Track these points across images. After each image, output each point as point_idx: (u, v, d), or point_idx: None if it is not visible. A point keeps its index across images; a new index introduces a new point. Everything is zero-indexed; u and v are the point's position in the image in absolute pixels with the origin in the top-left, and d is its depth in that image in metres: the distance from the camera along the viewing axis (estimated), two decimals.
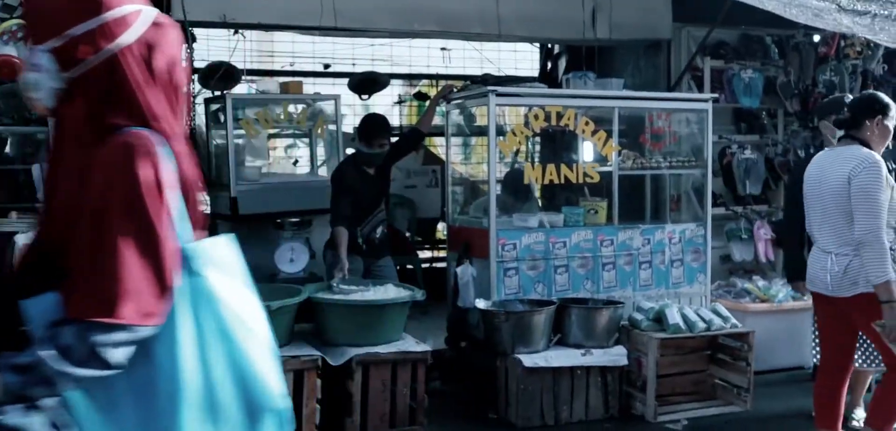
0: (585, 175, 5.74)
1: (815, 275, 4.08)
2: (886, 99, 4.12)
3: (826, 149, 4.49)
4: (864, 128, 4.00)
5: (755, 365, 5.39)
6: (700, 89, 6.94)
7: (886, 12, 4.55)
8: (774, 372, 5.92)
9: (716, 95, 6.51)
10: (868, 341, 4.37)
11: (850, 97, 5.10)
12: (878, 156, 3.93)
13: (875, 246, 3.73)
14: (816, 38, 7.23)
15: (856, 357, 4.31)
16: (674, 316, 5.31)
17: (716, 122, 6.42)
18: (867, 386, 5.29)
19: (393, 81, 8.95)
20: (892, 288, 3.68)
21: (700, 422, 5.24)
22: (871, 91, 4.44)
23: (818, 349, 4.54)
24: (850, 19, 5.15)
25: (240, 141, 6.59)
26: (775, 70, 7.25)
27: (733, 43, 7.32)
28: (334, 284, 5.03)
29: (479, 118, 7.13)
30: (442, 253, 8.20)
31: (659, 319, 5.37)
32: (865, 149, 3.94)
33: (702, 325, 5.36)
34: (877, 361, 4.36)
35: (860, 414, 5.15)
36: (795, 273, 5.11)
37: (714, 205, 6.41)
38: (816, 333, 4.64)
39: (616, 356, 5.26)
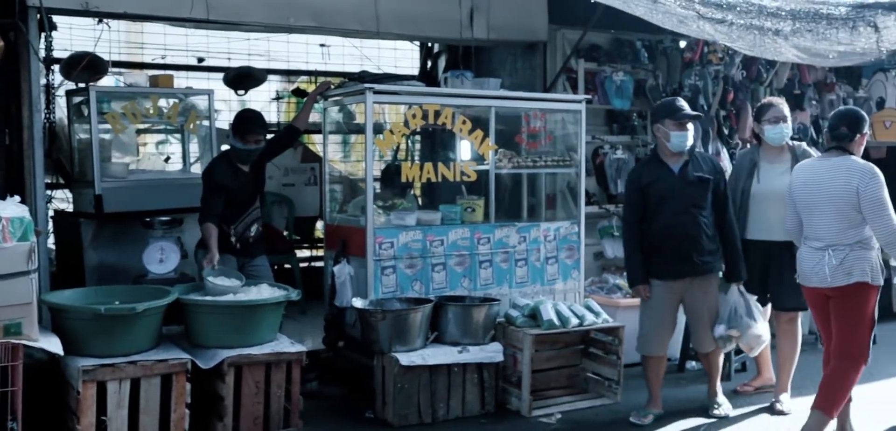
0: (462, 173, 5.78)
1: (811, 271, 4.56)
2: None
3: (814, 157, 5.00)
4: (855, 141, 4.60)
5: (625, 359, 5.58)
6: (574, 90, 7.12)
7: (742, 21, 4.81)
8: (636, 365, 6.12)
9: (589, 97, 6.70)
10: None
11: (682, 100, 5.21)
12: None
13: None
14: (683, 44, 7.56)
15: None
16: (548, 312, 5.43)
17: (589, 123, 6.61)
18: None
19: (270, 77, 8.76)
20: None
21: (573, 415, 5.37)
22: (854, 107, 5.15)
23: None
24: (712, 26, 5.42)
25: (106, 136, 6.28)
26: (645, 73, 7.52)
27: (606, 46, 7.56)
28: (206, 275, 4.87)
29: (358, 116, 7.07)
30: (321, 252, 8.09)
31: (534, 315, 5.47)
32: (862, 160, 4.54)
33: (575, 321, 5.50)
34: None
35: (786, 399, 5.46)
36: (636, 277, 5.25)
37: (587, 203, 6.59)
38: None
39: (492, 352, 5.33)
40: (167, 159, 7.54)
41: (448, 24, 6.62)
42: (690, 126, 5.16)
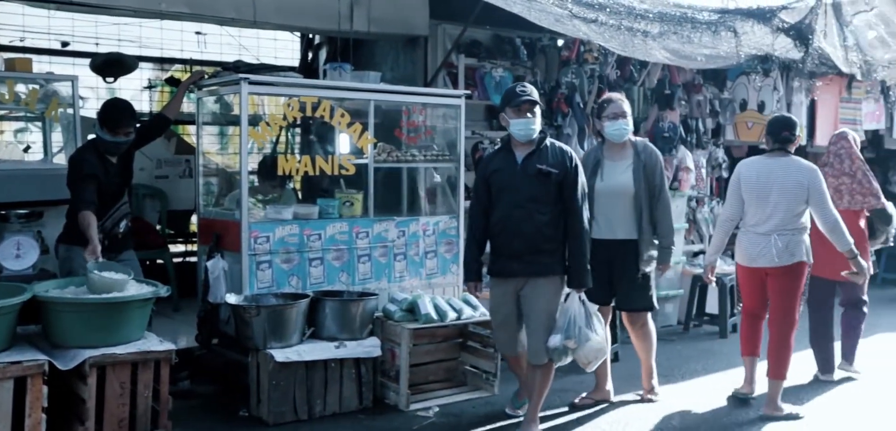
0: (341, 167, 5.71)
1: (758, 253, 5.29)
2: None
3: (761, 157, 5.46)
4: (794, 142, 5.38)
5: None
6: (455, 85, 7.16)
7: (613, 21, 4.96)
8: None
9: (469, 92, 6.75)
10: None
11: (526, 86, 4.86)
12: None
13: (837, 228, 5.23)
14: (560, 42, 7.74)
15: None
16: (426, 307, 5.44)
17: (468, 118, 6.66)
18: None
19: (142, 64, 8.40)
20: (854, 248, 5.26)
21: (451, 408, 5.40)
22: (788, 115, 5.96)
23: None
24: (586, 26, 5.57)
25: None
26: (524, 70, 7.65)
27: (486, 43, 7.65)
28: (90, 269, 4.61)
29: (235, 107, 6.86)
30: (196, 247, 7.84)
31: (412, 310, 5.47)
32: (806, 161, 5.34)
33: (452, 315, 5.54)
34: None
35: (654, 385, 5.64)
36: (466, 272, 5.01)
37: (467, 197, 6.63)
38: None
39: (369, 347, 5.29)
40: (27, 149, 7.10)
41: (327, 15, 6.50)
42: (533, 113, 4.71)
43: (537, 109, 4.75)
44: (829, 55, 7.27)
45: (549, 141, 4.79)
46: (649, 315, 5.53)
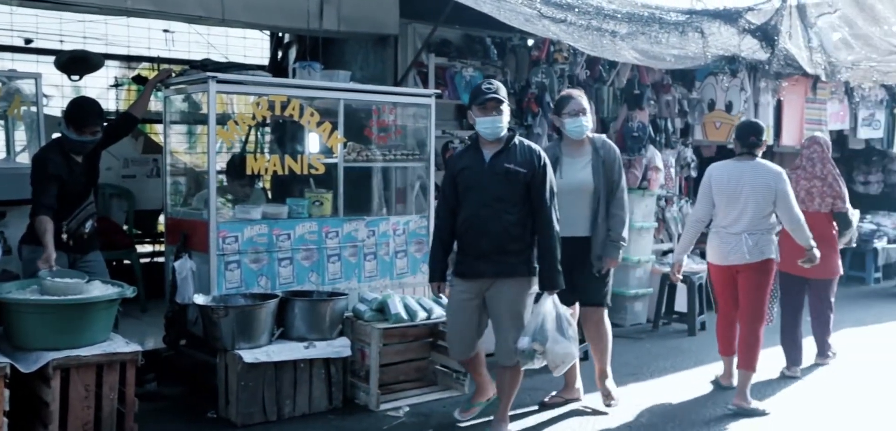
0: (310, 166, 5.67)
1: (730, 251, 5.51)
2: None
3: (731, 161, 5.65)
4: (761, 146, 5.59)
5: None
6: (425, 85, 7.16)
7: (582, 22, 4.98)
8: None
9: (439, 91, 6.75)
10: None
11: (492, 82, 4.71)
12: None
13: (800, 227, 5.49)
14: (530, 42, 7.76)
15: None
16: (396, 306, 5.43)
17: (439, 118, 6.66)
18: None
19: (108, 62, 8.29)
20: (812, 243, 5.52)
21: (421, 408, 5.39)
22: (755, 120, 6.17)
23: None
24: (555, 26, 5.59)
25: None
26: (494, 69, 7.66)
27: (457, 42, 7.65)
28: (43, 277, 4.52)
29: (203, 106, 6.81)
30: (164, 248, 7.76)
31: (381, 309, 5.46)
32: (774, 165, 5.57)
33: (423, 314, 5.53)
34: None
35: (611, 386, 5.56)
36: (431, 272, 4.84)
37: (437, 197, 6.63)
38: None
39: (339, 347, 5.27)
40: None
41: (297, 13, 6.46)
42: (499, 111, 4.58)
43: (504, 107, 4.62)
44: (794, 56, 7.37)
45: (517, 139, 4.68)
46: (605, 313, 5.43)
